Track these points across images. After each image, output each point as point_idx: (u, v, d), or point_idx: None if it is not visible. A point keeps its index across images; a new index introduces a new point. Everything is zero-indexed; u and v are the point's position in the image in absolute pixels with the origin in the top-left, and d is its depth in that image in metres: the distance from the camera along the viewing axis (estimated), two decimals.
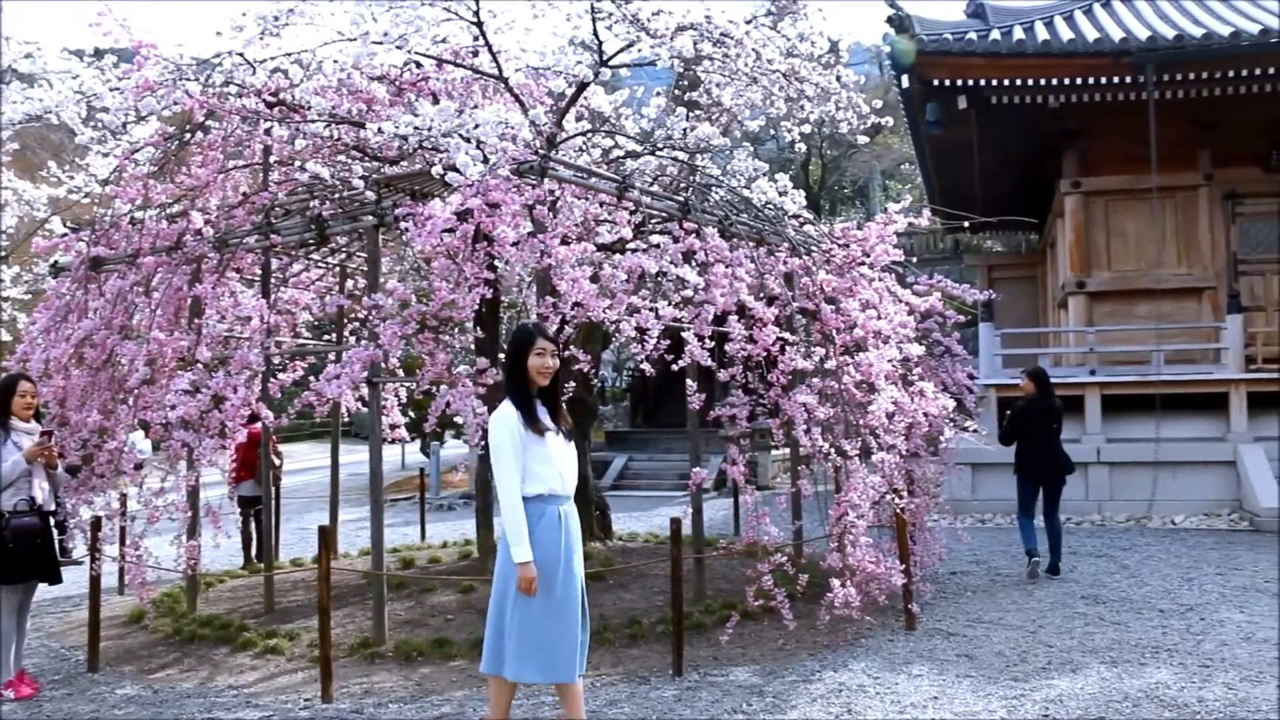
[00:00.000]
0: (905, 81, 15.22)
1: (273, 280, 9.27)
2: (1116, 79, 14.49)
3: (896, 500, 7.56)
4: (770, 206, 8.20)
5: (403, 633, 7.65)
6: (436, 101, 7.88)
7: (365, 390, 7.63)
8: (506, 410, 4.64)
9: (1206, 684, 6.20)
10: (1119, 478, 14.05)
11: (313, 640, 7.13)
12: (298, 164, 8.18)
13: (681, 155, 8.14)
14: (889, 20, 14.85)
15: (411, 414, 12.79)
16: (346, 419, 13.01)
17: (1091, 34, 15.21)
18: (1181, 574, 9.74)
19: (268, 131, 7.96)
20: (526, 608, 4.59)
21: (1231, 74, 14.32)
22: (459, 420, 7.10)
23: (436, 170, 6.81)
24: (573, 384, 7.78)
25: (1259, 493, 13.00)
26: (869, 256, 8.05)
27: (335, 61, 8.14)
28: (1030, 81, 14.73)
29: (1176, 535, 12.38)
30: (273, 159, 8.55)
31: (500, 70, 8.27)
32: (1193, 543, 11.74)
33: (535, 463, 4.63)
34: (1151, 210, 15.97)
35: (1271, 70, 14.18)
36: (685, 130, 8.32)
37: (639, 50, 7.73)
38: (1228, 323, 14.73)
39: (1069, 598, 8.78)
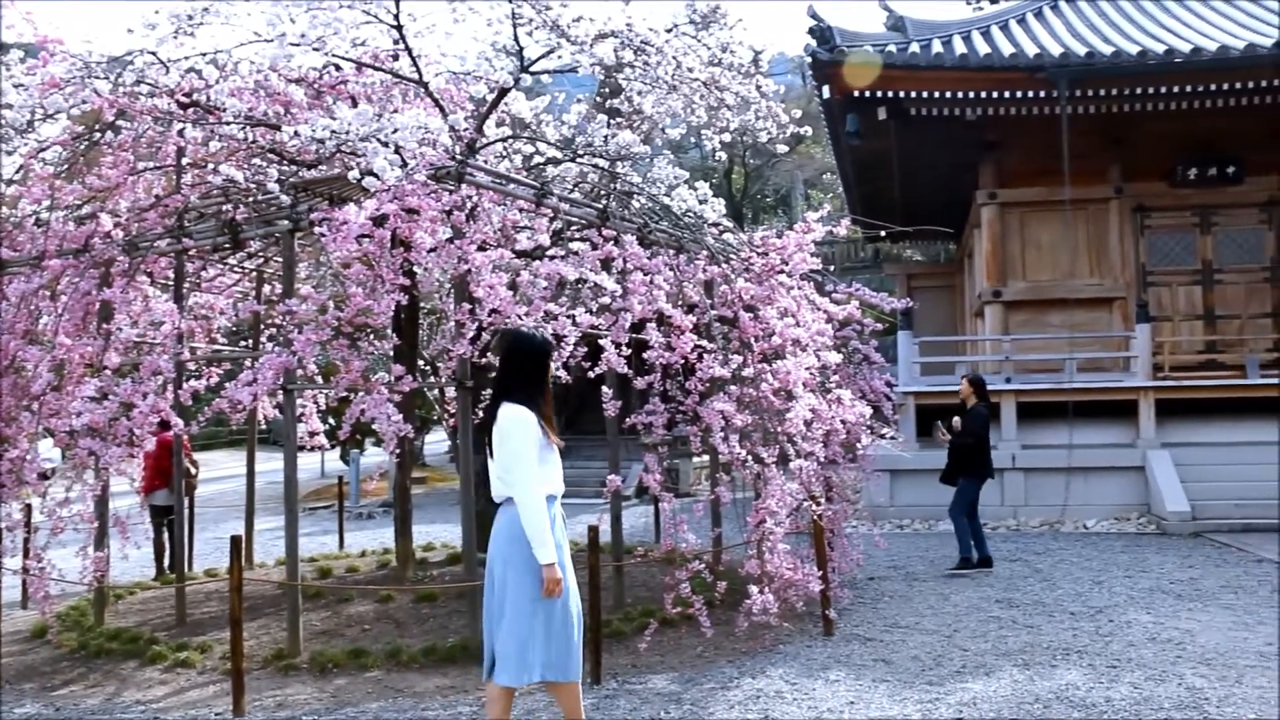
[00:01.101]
0: (826, 92, 15.38)
1: (186, 285, 9.08)
2: (1031, 93, 14.77)
3: (814, 507, 7.62)
4: (690, 214, 8.23)
5: (318, 643, 7.54)
6: (355, 105, 7.80)
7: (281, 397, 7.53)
8: (526, 415, 4.71)
9: (1114, 684, 6.33)
10: (1033, 483, 14.32)
11: (225, 653, 7.00)
12: (211, 166, 8.03)
13: (602, 162, 8.13)
14: (811, 31, 15.00)
15: (331, 421, 12.62)
16: (264, 426, 12.78)
17: (1007, 49, 15.53)
18: (1092, 577, 9.94)
19: (181, 133, 7.81)
20: (549, 608, 4.66)
21: (1139, 91, 14.69)
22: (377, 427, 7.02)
23: (353, 175, 6.73)
24: (488, 391, 7.75)
25: (1166, 497, 13.34)
26: (787, 264, 8.11)
27: (251, 62, 8.02)
28: (948, 94, 14.95)
29: (1088, 539, 12.65)
30: (186, 161, 8.38)
31: (420, 74, 8.20)
32: (1103, 546, 11.99)
33: (547, 466, 4.80)
34: (1064, 222, 16.32)
35: (1175, 89, 14.59)
36: (606, 137, 8.32)
37: (559, 57, 7.72)
38: (1137, 332, 15.08)
39: (984, 601, 8.92)
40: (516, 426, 4.66)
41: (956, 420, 10.80)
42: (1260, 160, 16.34)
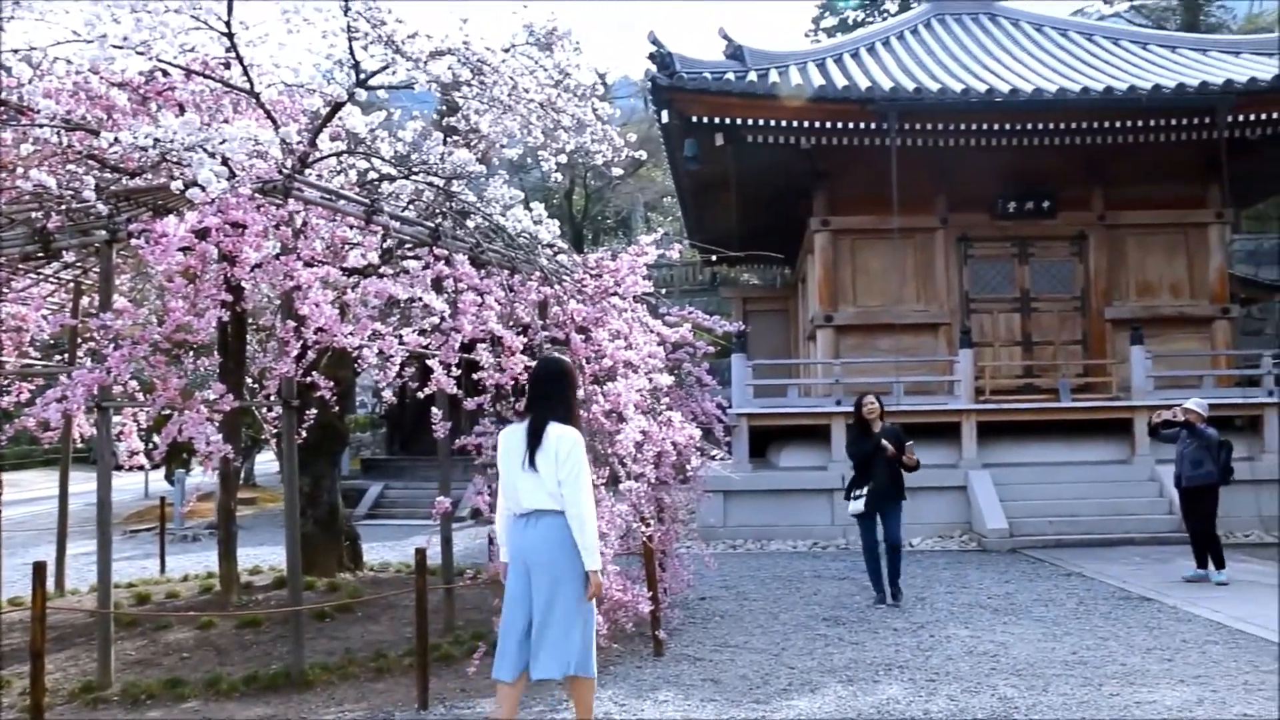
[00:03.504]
0: (665, 117, 15.61)
1: None
2: (862, 125, 15.30)
3: (644, 528, 7.66)
4: (525, 235, 8.22)
5: (132, 674, 7.21)
6: (184, 112, 7.54)
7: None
8: (580, 436, 5.17)
9: (932, 697, 6.55)
10: None
11: (26, 688, 6.63)
12: (21, 171, 7.63)
13: (437, 180, 8.06)
14: (651, 57, 15.20)
15: (155, 440, 12.11)
16: (82, 445, 12.18)
17: (841, 81, 16.07)
18: (916, 593, 10.26)
19: None
20: (588, 611, 5.15)
21: (963, 127, 15.41)
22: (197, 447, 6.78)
23: (176, 185, 6.50)
24: (314, 411, 7.58)
25: (986, 515, 13.92)
26: (620, 287, 8.17)
27: (69, 62, 7.67)
28: (783, 122, 15.35)
29: (914, 556, 13.06)
30: None
31: (252, 84, 7.99)
32: (927, 563, 12.41)
33: None
34: (893, 249, 16.93)
35: (996, 126, 15.36)
36: (442, 155, 8.25)
37: (394, 73, 7.63)
38: (960, 357, 15.72)
39: (812, 620, 9.12)
40: (576, 447, 5.07)
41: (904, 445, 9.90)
42: (1072, 196, 17.33)
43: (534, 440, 5.07)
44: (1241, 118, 15.30)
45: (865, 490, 9.83)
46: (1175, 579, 10.75)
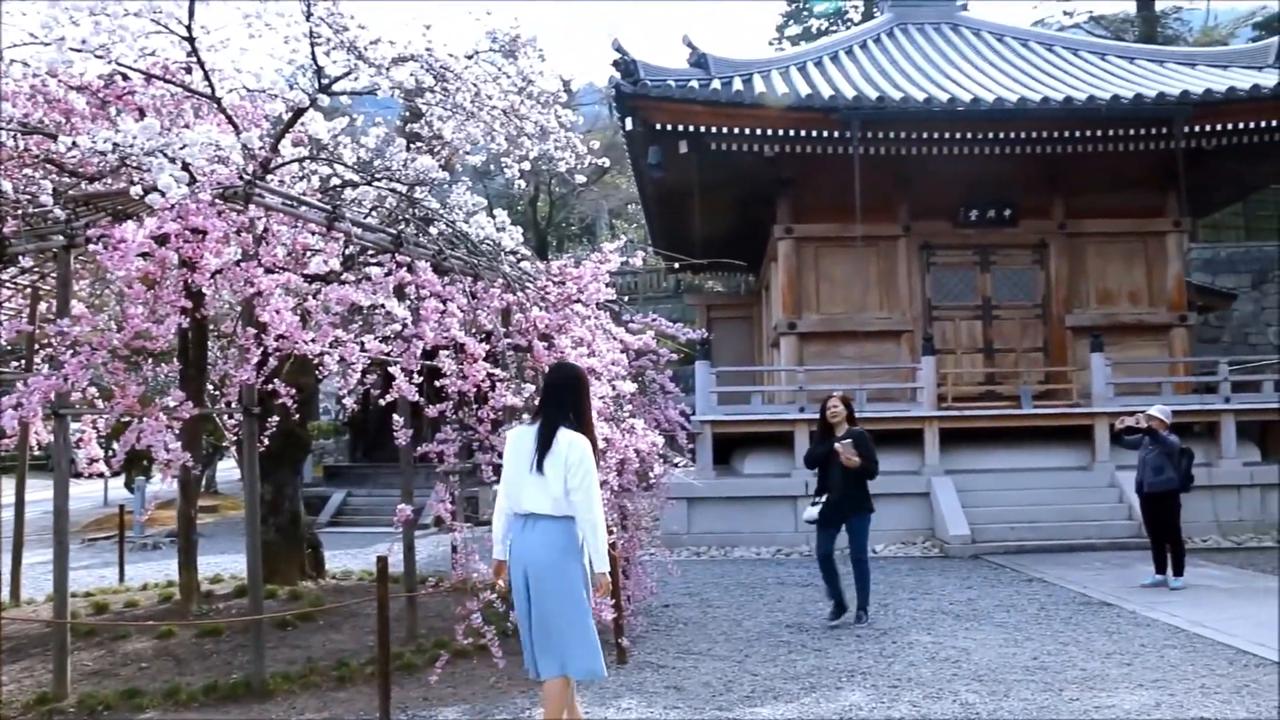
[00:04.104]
0: (630, 124, 15.63)
1: None
2: (826, 133, 15.39)
3: (608, 536, 7.64)
4: (488, 242, 8.20)
5: (89, 685, 7.13)
6: (144, 117, 7.46)
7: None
8: (589, 444, 5.23)
9: (894, 703, 6.59)
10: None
11: None
12: None
13: (400, 187, 8.02)
14: (615, 64, 15.23)
15: (114, 447, 11.98)
16: (39, 452, 12.03)
17: (804, 89, 16.14)
18: (879, 600, 10.30)
19: None
20: (588, 610, 5.23)
21: (925, 135, 15.53)
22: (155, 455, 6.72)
23: (135, 190, 6.43)
24: (276, 418, 7.52)
25: (948, 521, 14.02)
26: (583, 294, 8.16)
27: (26, 65, 7.57)
28: (747, 130, 15.43)
29: (877, 563, 13.08)
30: None
31: (213, 89, 7.92)
32: (890, 570, 12.48)
33: None
34: (857, 257, 17.04)
35: (958, 135, 15.50)
36: (406, 162, 8.21)
37: (356, 79, 7.60)
38: (923, 364, 15.83)
39: (775, 627, 9.15)
40: (587, 455, 5.15)
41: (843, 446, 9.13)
42: (1033, 205, 17.52)
43: (544, 445, 5.15)
44: (1197, 128, 15.56)
45: (824, 499, 9.28)
46: (1135, 584, 10.87)
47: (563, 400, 5.30)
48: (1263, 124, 15.60)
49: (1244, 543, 14.22)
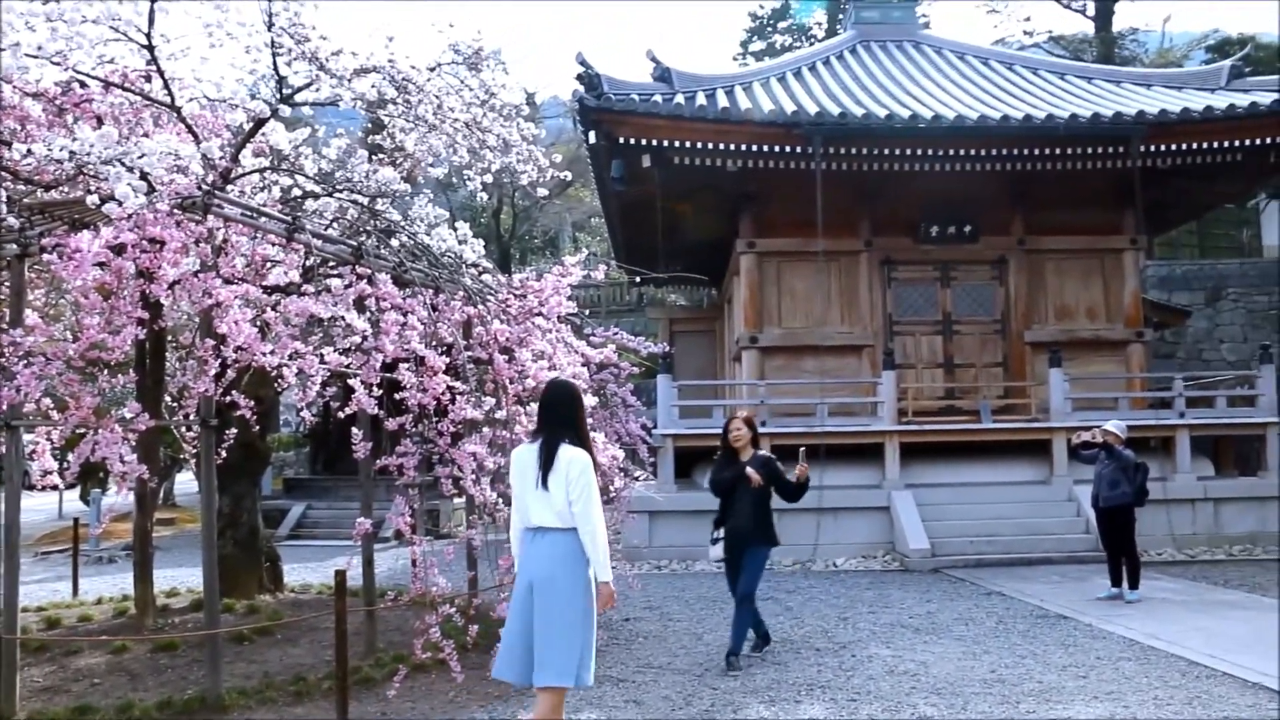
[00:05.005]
0: (593, 137, 15.64)
1: None
2: (788, 148, 15.46)
3: None
4: (449, 254, 8.18)
5: (38, 701, 7.02)
6: (101, 125, 7.39)
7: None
8: (590, 459, 5.38)
9: (854, 717, 6.63)
10: (787, 524, 14.65)
11: None
12: None
13: (362, 198, 8.00)
14: (579, 78, 15.24)
15: (70, 459, 11.82)
16: None
17: (767, 105, 16.23)
18: (839, 614, 10.35)
19: None
20: (590, 620, 5.34)
21: (887, 151, 15.64)
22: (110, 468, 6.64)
23: (92, 199, 6.36)
24: (234, 430, 7.46)
25: (909, 535, 14.09)
26: (544, 307, 8.16)
27: None
28: (709, 145, 15.47)
29: (837, 577, 13.18)
30: None
31: (173, 98, 7.87)
32: (850, 584, 12.53)
33: None
34: (818, 272, 17.11)
35: (919, 151, 15.62)
36: (367, 173, 8.19)
37: (318, 90, 7.57)
38: (884, 379, 15.91)
39: None
40: (587, 469, 5.30)
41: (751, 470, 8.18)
42: (993, 221, 17.68)
43: (547, 462, 5.29)
44: (1153, 148, 15.77)
45: (724, 532, 8.28)
46: (1092, 597, 10.97)
47: (561, 418, 5.45)
48: (1215, 145, 15.88)
49: (1198, 555, 14.43)
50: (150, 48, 7.64)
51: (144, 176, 6.33)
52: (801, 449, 8.41)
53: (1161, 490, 14.22)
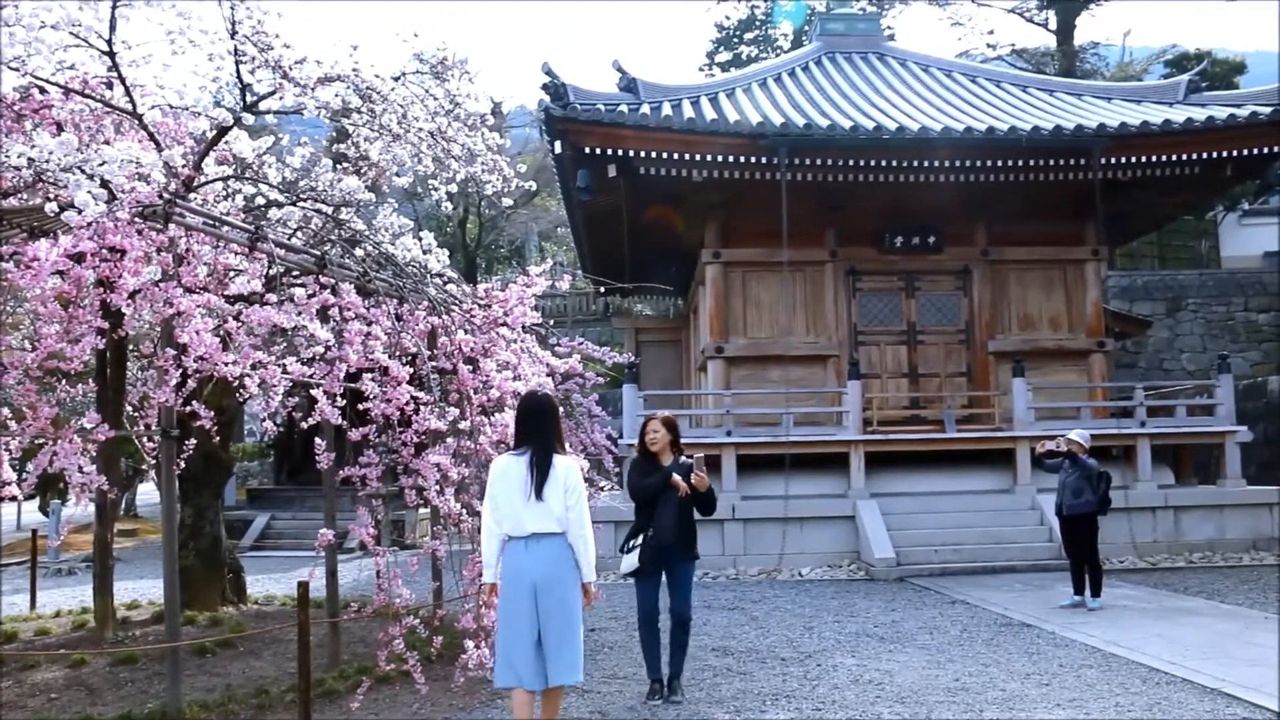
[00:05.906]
0: (559, 147, 15.63)
1: None
2: (754, 158, 15.53)
3: None
4: (414, 264, 8.15)
5: None
6: (61, 131, 7.32)
7: None
8: (579, 467, 5.70)
9: None
10: (752, 533, 14.85)
11: None
12: None
13: (326, 207, 7.96)
14: (545, 87, 15.25)
15: (29, 470, 11.67)
16: None
17: (733, 115, 16.29)
18: (804, 623, 10.36)
19: None
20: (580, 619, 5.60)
21: (852, 163, 15.75)
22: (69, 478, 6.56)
23: (51, 207, 6.29)
24: (195, 440, 7.39)
25: (874, 544, 14.13)
26: (509, 317, 8.14)
27: None
28: (675, 155, 15.49)
29: (802, 586, 13.20)
30: None
31: (135, 105, 7.80)
32: (816, 593, 12.54)
33: None
34: (784, 282, 17.17)
35: (884, 163, 15.74)
36: (332, 182, 8.15)
37: (282, 98, 7.53)
38: (849, 388, 15.98)
39: (700, 650, 9.13)
40: (579, 477, 5.63)
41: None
42: (956, 232, 17.82)
43: (542, 473, 5.49)
44: (1113, 160, 15.97)
45: (640, 541, 7.29)
46: (1055, 605, 11.04)
47: (545, 428, 5.65)
48: (1174, 157, 16.10)
49: (1159, 563, 14.58)
50: (111, 54, 7.59)
51: (104, 184, 6.27)
52: (698, 456, 7.45)
53: (1123, 498, 14.35)
